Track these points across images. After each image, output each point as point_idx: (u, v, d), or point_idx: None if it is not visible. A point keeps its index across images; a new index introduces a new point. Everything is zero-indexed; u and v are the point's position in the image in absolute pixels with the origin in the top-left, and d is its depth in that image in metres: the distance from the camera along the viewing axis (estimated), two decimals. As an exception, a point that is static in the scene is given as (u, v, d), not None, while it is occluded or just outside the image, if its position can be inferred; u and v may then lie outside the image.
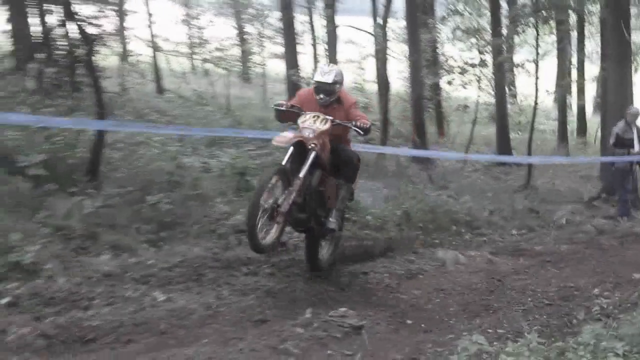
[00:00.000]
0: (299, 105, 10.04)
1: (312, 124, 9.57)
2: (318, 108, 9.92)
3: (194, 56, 34.65)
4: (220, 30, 34.48)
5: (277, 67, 33.16)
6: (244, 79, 34.85)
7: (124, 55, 28.60)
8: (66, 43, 16.90)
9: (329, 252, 10.47)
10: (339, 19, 28.53)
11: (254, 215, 8.67)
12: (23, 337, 7.30)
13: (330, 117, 9.75)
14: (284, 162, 9.32)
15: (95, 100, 12.71)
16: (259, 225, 8.79)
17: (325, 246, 10.43)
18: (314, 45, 32.62)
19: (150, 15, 30.40)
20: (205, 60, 31.01)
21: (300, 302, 8.73)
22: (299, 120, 9.74)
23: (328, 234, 10.12)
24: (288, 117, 10.15)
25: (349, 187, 10.23)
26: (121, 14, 27.97)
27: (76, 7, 15.41)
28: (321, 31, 31.37)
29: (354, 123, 9.80)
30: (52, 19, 17.61)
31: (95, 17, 17.78)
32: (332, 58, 27.35)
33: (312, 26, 32.44)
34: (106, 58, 18.25)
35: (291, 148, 9.39)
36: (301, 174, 9.24)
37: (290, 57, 26.08)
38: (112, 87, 17.03)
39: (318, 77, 10.05)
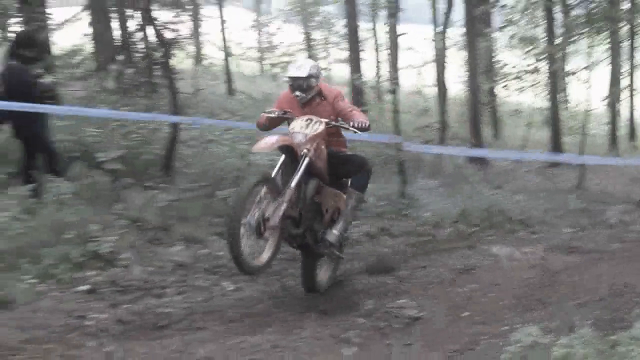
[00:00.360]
0: (280, 108, 8.82)
1: (304, 127, 8.41)
2: (299, 108, 8.75)
3: (263, 60, 34.79)
4: (288, 36, 34.62)
5: (342, 72, 33.13)
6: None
7: (198, 58, 28.79)
8: (144, 46, 17.03)
9: (328, 273, 9.19)
10: (400, 27, 28.41)
11: (234, 234, 7.50)
12: (101, 323, 7.35)
13: (325, 119, 8.55)
14: (273, 173, 8.13)
15: (171, 100, 12.81)
16: (244, 244, 7.65)
17: (324, 266, 9.16)
18: (376, 52, 32.51)
19: (223, 21, 30.51)
20: (273, 65, 31.18)
21: (362, 294, 8.70)
22: (290, 126, 8.58)
23: (326, 248, 8.74)
24: (277, 124, 8.99)
25: (359, 197, 8.88)
26: (196, 19, 28.19)
27: (154, 13, 15.50)
28: (384, 38, 31.21)
29: (352, 124, 8.51)
30: (131, 24, 17.77)
31: (172, 22, 17.91)
32: (394, 64, 27.21)
33: (375, 33, 32.33)
34: (181, 61, 18.34)
35: (282, 157, 8.29)
36: (292, 183, 8.05)
37: (354, 63, 26.00)
38: (187, 88, 17.12)
39: (290, 73, 8.78)
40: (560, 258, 11.07)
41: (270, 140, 8.08)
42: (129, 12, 17.84)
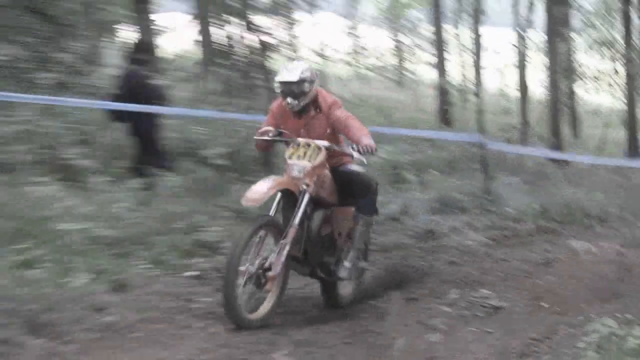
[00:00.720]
0: (273, 121, 7.62)
1: (302, 157, 7.21)
2: (293, 119, 7.49)
3: (354, 63, 34.84)
4: (376, 40, 34.63)
5: (428, 73, 33.05)
6: (398, 84, 34.82)
7: (293, 60, 28.94)
8: (245, 50, 17.25)
9: (351, 288, 8.16)
10: (483, 31, 28.28)
11: (229, 285, 6.62)
12: (207, 306, 7.53)
13: (325, 144, 7.31)
14: (272, 213, 7.18)
15: (269, 100, 12.97)
16: (240, 295, 6.73)
17: (345, 281, 8.04)
18: (461, 54, 32.36)
19: (316, 25, 30.67)
20: (365, 68, 31.22)
21: (447, 284, 8.69)
22: (286, 154, 7.37)
23: (341, 281, 7.84)
24: (272, 144, 7.87)
25: (367, 221, 7.80)
26: (292, 25, 28.39)
27: (254, 20, 15.73)
28: (468, 41, 31.07)
29: (356, 147, 7.20)
30: (232, 29, 18.01)
31: (270, 28, 18.09)
32: (477, 66, 27.11)
33: (459, 37, 32.19)
34: (278, 63, 18.47)
35: (279, 195, 7.19)
36: (295, 221, 7.03)
37: (440, 65, 25.94)
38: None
39: (279, 77, 7.42)
40: (636, 253, 10.93)
41: (261, 189, 6.94)
42: (230, 18, 18.07)
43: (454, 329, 7.25)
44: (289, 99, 7.32)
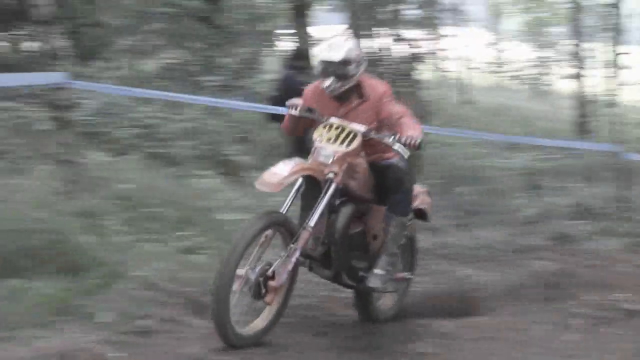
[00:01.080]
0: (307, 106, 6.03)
1: (332, 140, 5.69)
2: (331, 106, 5.94)
3: (496, 74, 34.50)
4: (519, 53, 34.14)
5: (567, 85, 32.41)
6: (537, 95, 34.21)
7: (439, 71, 28.91)
8: (394, 60, 17.29)
9: (392, 300, 6.97)
10: (622, 47, 27.53)
11: (223, 290, 5.21)
12: (351, 296, 7.52)
13: (362, 128, 5.77)
14: (284, 208, 5.71)
15: (414, 107, 12.96)
16: (234, 305, 5.36)
17: (386, 294, 6.82)
18: (599, 69, 31.56)
19: (461, 38, 30.51)
20: (506, 78, 30.82)
21: (583, 286, 8.41)
22: (314, 135, 5.82)
23: (370, 292, 6.44)
24: (301, 125, 6.20)
25: (400, 222, 6.07)
26: (439, 37, 28.37)
27: (403, 32, 15.75)
28: (607, 57, 30.30)
29: (399, 138, 5.64)
30: (381, 41, 18.06)
31: (418, 40, 18.06)
32: (615, 80, 26.35)
33: (598, 52, 31.40)
34: (423, 73, 18.44)
35: (299, 181, 5.75)
36: (311, 222, 5.54)
37: (578, 78, 25.34)
38: (427, 98, 17.19)
39: (321, 55, 5.86)
40: None
41: (281, 172, 5.41)
42: (380, 30, 18.15)
43: (591, 329, 7.04)
44: (327, 81, 5.79)
